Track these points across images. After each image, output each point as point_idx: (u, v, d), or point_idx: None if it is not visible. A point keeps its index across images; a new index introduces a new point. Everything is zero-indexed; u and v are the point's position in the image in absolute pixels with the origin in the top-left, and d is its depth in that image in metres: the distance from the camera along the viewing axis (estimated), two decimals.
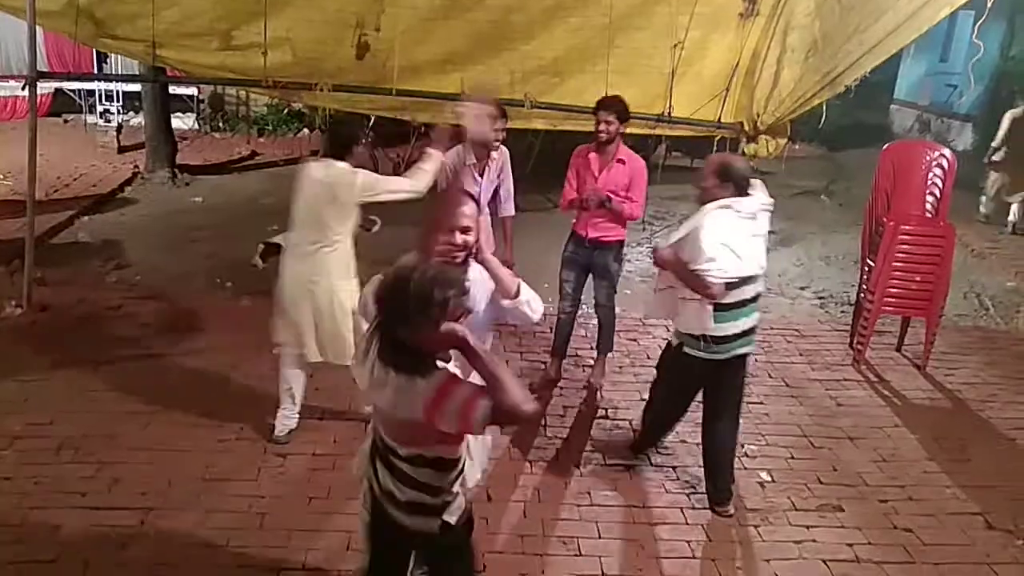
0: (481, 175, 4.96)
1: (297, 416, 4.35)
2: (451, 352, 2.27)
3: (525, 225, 5.34)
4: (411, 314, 2.13)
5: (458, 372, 2.30)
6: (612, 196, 4.68)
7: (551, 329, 5.27)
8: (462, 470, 2.44)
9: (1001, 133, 9.51)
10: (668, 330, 6.00)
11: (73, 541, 3.45)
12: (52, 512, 3.61)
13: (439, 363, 2.24)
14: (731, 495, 4.00)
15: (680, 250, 3.66)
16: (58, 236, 7.52)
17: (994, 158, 9.59)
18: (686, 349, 3.81)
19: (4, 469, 3.93)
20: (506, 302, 2.75)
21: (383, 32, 5.38)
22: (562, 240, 5.10)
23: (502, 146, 5.03)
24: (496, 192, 5.15)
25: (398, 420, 2.28)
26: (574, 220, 5.02)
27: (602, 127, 4.65)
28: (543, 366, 5.30)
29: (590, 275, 5.03)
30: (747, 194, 3.64)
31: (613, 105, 4.65)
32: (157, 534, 3.53)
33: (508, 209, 5.21)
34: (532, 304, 2.80)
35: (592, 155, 4.79)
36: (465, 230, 2.61)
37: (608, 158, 4.73)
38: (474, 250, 2.67)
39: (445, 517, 2.43)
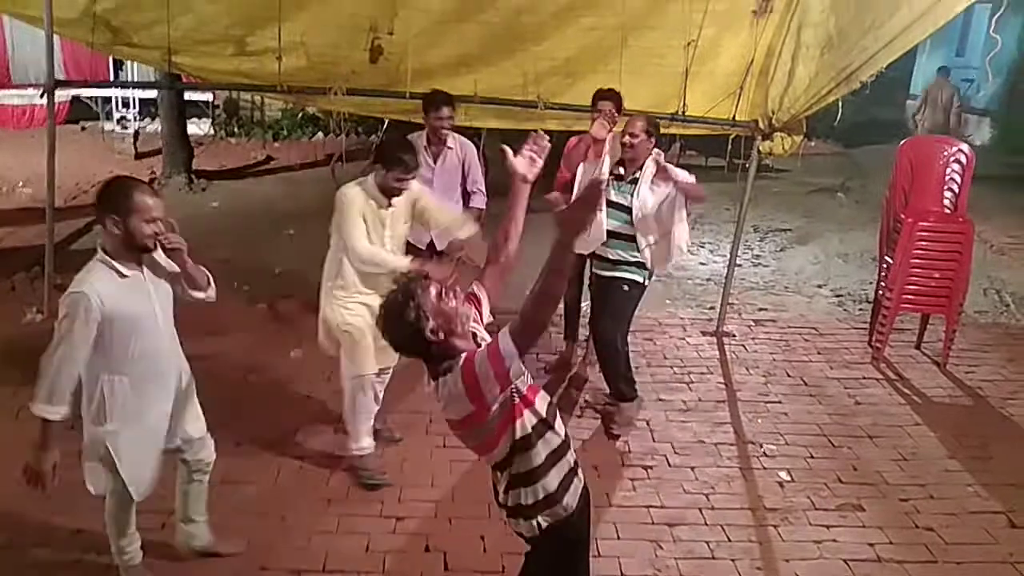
0: (435, 161, 5.00)
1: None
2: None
3: (537, 226, 5.33)
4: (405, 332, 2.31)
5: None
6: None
7: (561, 316, 5.32)
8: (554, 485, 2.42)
9: (917, 102, 11.59)
10: (684, 330, 6.07)
11: (95, 544, 3.48)
12: (74, 515, 3.64)
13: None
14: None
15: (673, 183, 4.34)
16: (77, 242, 7.57)
17: (917, 121, 11.75)
18: (646, 282, 4.54)
19: None
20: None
21: (396, 35, 5.42)
22: None
23: (463, 139, 5.12)
24: (464, 184, 5.17)
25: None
26: None
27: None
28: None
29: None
30: None
31: (612, 97, 4.72)
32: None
33: (477, 201, 5.18)
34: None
35: (585, 146, 4.80)
36: (153, 220, 2.97)
37: (603, 148, 4.72)
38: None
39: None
